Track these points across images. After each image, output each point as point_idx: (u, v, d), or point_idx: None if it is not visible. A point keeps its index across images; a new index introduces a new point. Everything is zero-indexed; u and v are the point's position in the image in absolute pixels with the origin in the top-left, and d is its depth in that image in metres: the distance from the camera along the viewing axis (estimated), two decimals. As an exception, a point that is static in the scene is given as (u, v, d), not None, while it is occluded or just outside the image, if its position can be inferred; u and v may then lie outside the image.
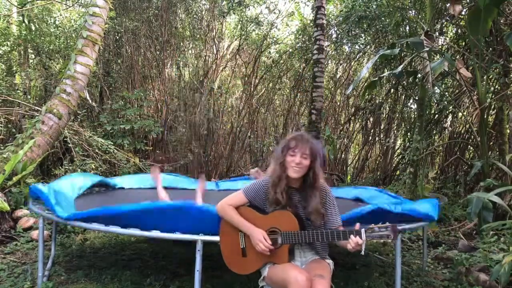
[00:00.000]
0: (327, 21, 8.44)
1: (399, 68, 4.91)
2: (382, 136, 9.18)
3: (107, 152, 6.58)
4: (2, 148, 5.50)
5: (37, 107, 6.53)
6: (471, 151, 7.41)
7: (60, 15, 8.95)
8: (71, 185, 3.69)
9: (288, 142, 2.19)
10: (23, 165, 4.72)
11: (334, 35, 9.56)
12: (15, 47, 8.59)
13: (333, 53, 9.70)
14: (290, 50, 10.01)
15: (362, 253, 2.00)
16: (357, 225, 2.03)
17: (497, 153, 5.85)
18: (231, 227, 2.27)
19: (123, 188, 4.67)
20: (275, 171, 2.20)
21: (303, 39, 9.58)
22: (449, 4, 5.05)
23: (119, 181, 4.65)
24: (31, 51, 8.84)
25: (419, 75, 5.52)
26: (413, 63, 7.09)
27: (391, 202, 3.93)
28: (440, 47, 6.84)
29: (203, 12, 9.55)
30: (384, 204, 3.05)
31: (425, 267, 3.66)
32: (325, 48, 8.04)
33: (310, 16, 9.64)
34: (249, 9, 9.64)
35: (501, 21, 5.74)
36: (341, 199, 4.25)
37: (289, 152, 2.16)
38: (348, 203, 4.30)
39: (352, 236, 2.00)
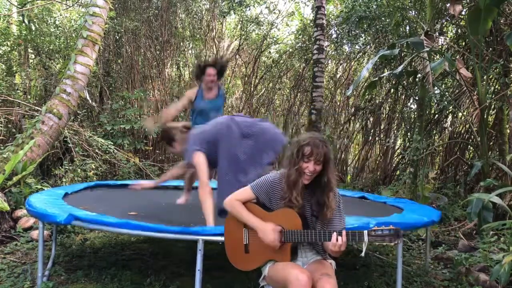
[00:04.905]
0: (327, 21, 8.43)
1: (399, 68, 4.90)
2: (382, 136, 9.16)
3: (107, 152, 6.58)
4: (2, 148, 5.49)
5: (37, 107, 6.53)
6: (471, 151, 7.40)
7: (60, 15, 8.94)
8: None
9: (303, 148, 2.11)
10: (23, 165, 4.72)
11: (334, 35, 9.55)
12: (15, 47, 8.57)
13: (333, 53, 9.69)
14: (290, 50, 10.00)
15: (362, 254, 2.00)
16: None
17: (497, 153, 5.85)
18: (235, 224, 2.27)
19: (125, 185, 4.68)
20: (291, 175, 2.14)
21: (303, 39, 9.57)
22: (449, 4, 5.05)
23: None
24: (31, 51, 8.82)
25: (419, 75, 5.51)
26: (413, 63, 7.08)
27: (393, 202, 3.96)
28: (440, 47, 6.83)
29: (203, 12, 9.54)
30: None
31: (427, 267, 3.66)
32: (325, 48, 8.04)
33: (310, 16, 9.65)
34: (249, 9, 9.64)
35: (501, 21, 5.73)
36: (346, 197, 4.29)
37: (303, 159, 2.10)
38: (354, 200, 4.35)
39: (334, 234, 1.99)
